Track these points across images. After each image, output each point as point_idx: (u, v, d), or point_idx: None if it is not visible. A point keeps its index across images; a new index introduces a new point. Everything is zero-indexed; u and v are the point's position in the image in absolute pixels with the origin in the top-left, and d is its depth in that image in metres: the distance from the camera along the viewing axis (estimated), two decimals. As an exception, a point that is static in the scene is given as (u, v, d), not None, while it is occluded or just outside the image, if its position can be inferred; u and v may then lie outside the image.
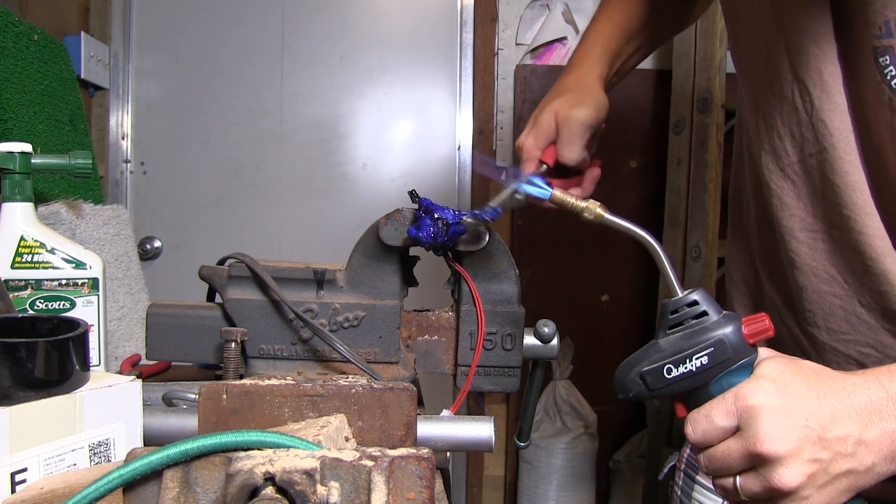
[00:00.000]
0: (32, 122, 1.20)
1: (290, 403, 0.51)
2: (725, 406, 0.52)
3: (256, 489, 0.36)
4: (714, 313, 0.54)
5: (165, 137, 2.15)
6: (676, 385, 0.54)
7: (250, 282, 0.66)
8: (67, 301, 0.84)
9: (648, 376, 0.55)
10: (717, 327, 0.53)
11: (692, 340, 0.53)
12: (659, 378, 0.54)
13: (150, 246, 2.15)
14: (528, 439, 0.76)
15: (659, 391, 0.55)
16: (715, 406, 0.52)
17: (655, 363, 0.54)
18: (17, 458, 0.45)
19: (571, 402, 2.15)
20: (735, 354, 0.52)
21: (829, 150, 0.62)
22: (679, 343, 0.54)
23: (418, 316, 0.70)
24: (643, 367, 0.55)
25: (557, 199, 0.60)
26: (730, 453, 0.52)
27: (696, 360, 0.53)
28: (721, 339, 0.52)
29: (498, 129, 2.23)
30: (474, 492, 2.25)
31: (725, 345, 0.52)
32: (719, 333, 0.53)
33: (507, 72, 2.24)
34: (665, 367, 0.54)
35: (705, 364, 0.53)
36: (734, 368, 0.53)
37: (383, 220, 0.63)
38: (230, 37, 2.15)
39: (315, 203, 2.19)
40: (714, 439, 0.53)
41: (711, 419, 0.52)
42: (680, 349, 0.53)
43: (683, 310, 0.54)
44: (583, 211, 0.59)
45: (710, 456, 0.53)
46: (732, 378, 0.53)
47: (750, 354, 0.53)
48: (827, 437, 0.50)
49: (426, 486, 0.38)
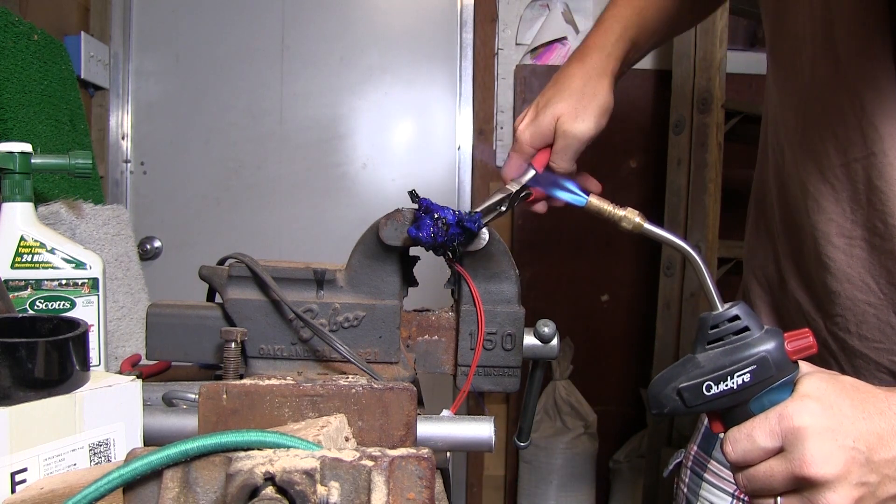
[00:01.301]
0: (32, 122, 1.20)
1: (290, 403, 0.51)
2: (769, 426, 0.50)
3: (256, 489, 0.36)
4: (756, 329, 0.52)
5: (165, 137, 2.15)
6: (716, 402, 0.53)
7: (250, 282, 0.66)
8: (67, 301, 0.84)
9: (686, 392, 0.53)
10: (760, 343, 0.52)
11: (734, 357, 0.52)
12: (697, 395, 0.53)
13: (150, 246, 2.15)
14: (528, 439, 0.76)
15: (696, 408, 0.53)
16: (758, 426, 0.51)
17: (694, 379, 0.53)
18: (17, 458, 0.45)
19: (571, 402, 2.16)
20: (778, 372, 0.51)
21: (877, 155, 0.59)
22: (720, 359, 0.52)
23: (418, 316, 0.70)
24: (681, 384, 0.53)
25: (594, 206, 0.60)
26: (772, 475, 0.50)
27: (738, 377, 0.52)
28: (764, 357, 0.51)
29: (498, 129, 2.23)
30: (474, 492, 2.25)
31: (769, 362, 0.51)
32: (762, 350, 0.51)
33: (507, 72, 2.24)
34: (704, 384, 0.52)
35: (747, 382, 0.51)
36: (776, 386, 0.51)
37: (383, 220, 0.63)
38: (230, 37, 2.15)
39: (315, 203, 2.19)
40: (755, 459, 0.51)
41: (753, 439, 0.51)
42: (721, 366, 0.52)
43: (724, 325, 0.53)
44: (621, 220, 0.58)
45: (751, 476, 0.52)
46: (774, 396, 0.51)
47: (792, 371, 0.52)
48: (875, 460, 0.48)
49: (426, 486, 0.38)
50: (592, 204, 0.60)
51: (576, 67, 0.83)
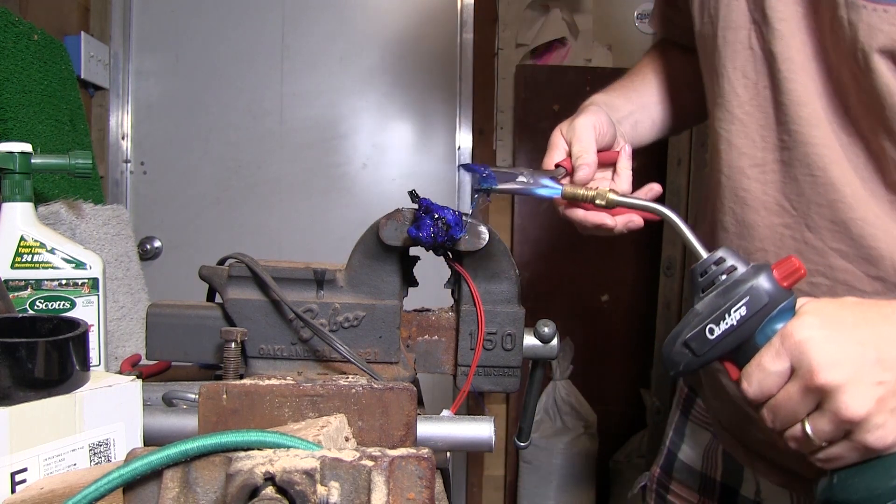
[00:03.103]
0: (32, 122, 1.20)
1: (290, 403, 0.51)
2: (774, 349, 0.50)
3: (256, 489, 0.36)
4: (742, 265, 0.53)
5: (165, 137, 2.15)
6: (721, 344, 0.53)
7: (250, 282, 0.66)
8: (67, 301, 0.84)
9: (693, 342, 0.53)
10: (749, 277, 0.52)
11: (727, 295, 0.53)
12: (703, 341, 0.53)
13: (150, 246, 2.15)
14: (528, 439, 0.76)
15: (706, 355, 0.53)
16: (764, 353, 0.51)
17: (696, 327, 0.53)
18: (17, 458, 0.45)
19: (571, 402, 2.16)
20: (772, 300, 0.52)
21: (776, 75, 0.64)
22: (714, 302, 0.53)
23: (418, 316, 0.70)
24: (686, 335, 0.54)
25: (569, 193, 0.62)
26: (791, 397, 0.50)
27: (735, 313, 0.52)
28: (754, 286, 0.52)
29: (498, 129, 2.23)
30: (474, 492, 2.25)
31: (760, 291, 0.52)
32: (752, 282, 0.52)
33: (507, 72, 2.24)
34: (706, 328, 0.53)
35: (745, 315, 0.52)
36: (775, 314, 0.52)
37: (383, 220, 0.63)
38: (230, 37, 2.15)
39: (315, 203, 2.19)
40: (772, 387, 0.51)
41: (763, 366, 0.50)
42: (717, 307, 0.53)
43: (711, 269, 0.54)
44: (595, 198, 0.61)
45: (773, 407, 0.51)
46: (776, 325, 0.52)
47: (787, 298, 0.52)
48: (885, 358, 0.48)
49: (426, 486, 0.38)
50: (567, 192, 0.63)
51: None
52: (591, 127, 0.75)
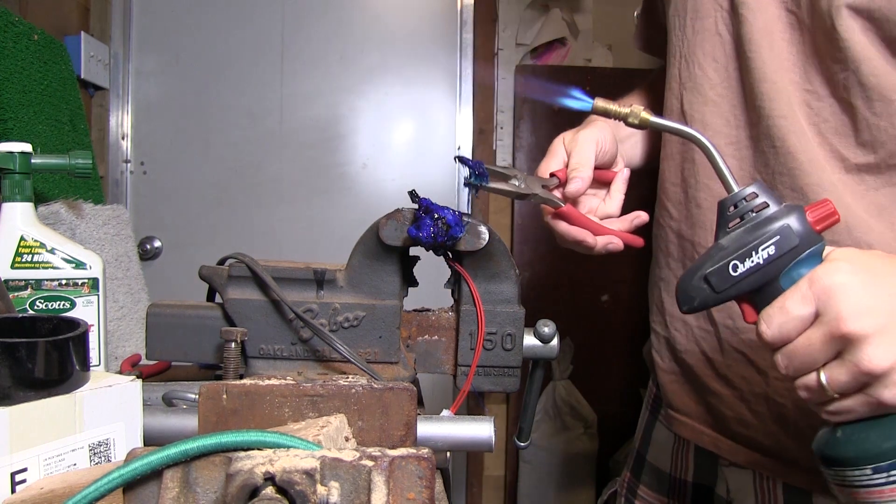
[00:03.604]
0: (32, 122, 1.20)
1: (290, 403, 0.51)
2: (800, 292, 0.48)
3: (256, 489, 0.36)
4: (775, 203, 0.51)
5: (165, 137, 2.15)
6: (744, 282, 0.51)
7: (250, 282, 0.66)
8: (67, 301, 0.84)
9: (713, 277, 0.51)
10: (781, 216, 0.50)
11: (756, 232, 0.50)
12: (725, 277, 0.51)
13: (150, 246, 2.15)
14: (528, 439, 0.76)
15: (726, 292, 0.51)
16: (789, 295, 0.49)
17: (719, 262, 0.51)
18: (17, 458, 0.45)
19: (571, 402, 2.16)
20: (802, 242, 0.49)
21: (742, 56, 0.69)
22: (742, 237, 0.51)
23: (418, 316, 0.70)
24: (707, 269, 0.51)
25: (600, 107, 0.58)
26: (811, 343, 0.48)
27: (763, 251, 0.50)
28: (786, 226, 0.50)
29: (498, 129, 2.23)
30: (474, 492, 2.25)
31: (792, 231, 0.49)
32: (784, 221, 0.50)
33: (507, 72, 2.24)
34: (731, 263, 0.51)
35: (772, 255, 0.50)
36: (803, 258, 0.50)
37: (383, 220, 0.63)
38: (230, 37, 2.15)
39: (315, 203, 2.19)
40: (792, 332, 0.49)
41: (786, 309, 0.48)
42: (744, 243, 0.50)
43: (742, 203, 0.52)
44: (627, 116, 0.58)
45: (790, 352, 0.49)
46: (802, 269, 0.50)
47: (818, 242, 0.50)
48: None
49: (426, 486, 0.38)
50: (598, 106, 0.58)
51: None
52: (594, 142, 0.75)
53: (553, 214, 0.74)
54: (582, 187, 0.73)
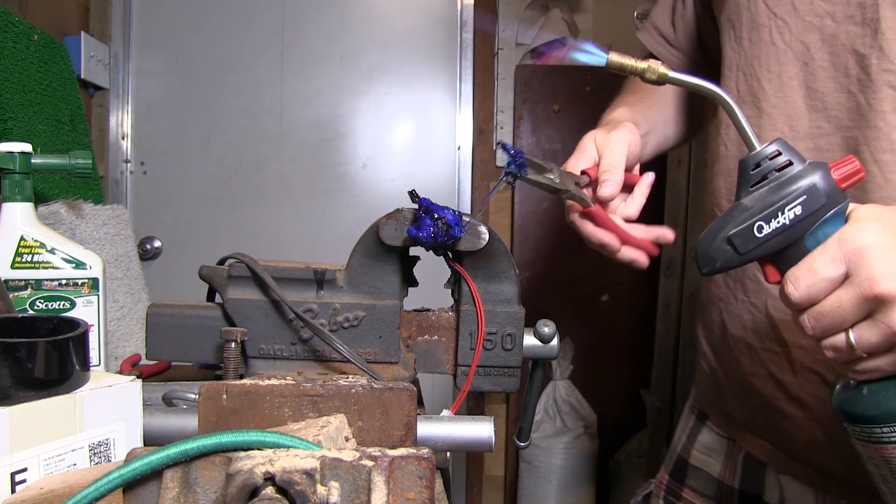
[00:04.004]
0: (32, 122, 1.20)
1: (290, 403, 0.51)
2: (830, 253, 0.47)
3: (256, 489, 0.36)
4: (798, 162, 0.50)
5: (165, 137, 2.15)
6: (769, 244, 0.50)
7: (250, 282, 0.66)
8: (67, 301, 0.84)
9: (737, 238, 0.50)
10: (806, 174, 0.49)
11: (781, 192, 0.49)
12: (749, 238, 0.50)
13: (150, 246, 2.15)
14: (528, 439, 0.76)
15: (750, 253, 0.50)
16: (817, 256, 0.48)
17: (743, 223, 0.50)
18: (17, 458, 0.45)
19: (571, 402, 2.16)
20: (829, 201, 0.48)
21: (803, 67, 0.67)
22: (767, 197, 0.49)
23: (418, 316, 0.70)
24: (730, 231, 0.50)
25: (615, 62, 0.57)
26: (841, 304, 0.47)
27: (790, 211, 0.49)
28: (813, 185, 0.48)
29: (498, 129, 2.23)
30: (474, 492, 2.25)
31: (818, 191, 0.48)
32: (809, 180, 0.48)
33: (507, 72, 2.24)
34: (756, 224, 0.49)
35: (799, 215, 0.48)
36: (828, 217, 0.49)
37: (383, 220, 0.63)
38: (230, 37, 2.15)
39: (315, 203, 2.19)
40: (820, 293, 0.48)
41: (815, 270, 0.47)
42: (769, 203, 0.49)
43: (765, 163, 0.50)
44: (644, 72, 0.56)
45: (818, 313, 0.48)
46: (828, 228, 0.49)
47: (843, 201, 0.49)
48: None
49: (426, 486, 0.38)
50: (613, 61, 0.57)
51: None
52: (626, 144, 0.74)
53: (581, 214, 0.73)
54: (616, 191, 0.72)
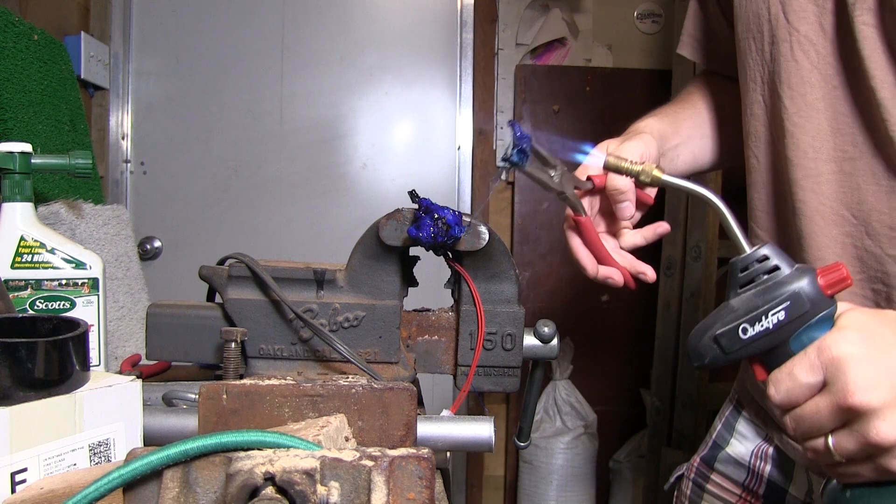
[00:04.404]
0: (32, 122, 1.20)
1: (290, 403, 0.51)
2: (808, 361, 0.48)
3: (256, 489, 0.36)
4: (786, 267, 0.51)
5: (165, 137, 2.15)
6: (753, 345, 0.51)
7: (250, 282, 0.66)
8: (67, 301, 0.84)
9: (723, 339, 0.51)
10: (792, 280, 0.50)
11: (766, 296, 0.50)
12: (734, 340, 0.51)
13: (150, 246, 2.15)
14: (528, 439, 0.76)
15: (735, 353, 0.52)
16: (797, 362, 0.49)
17: (729, 324, 0.51)
18: (17, 458, 0.45)
19: (571, 402, 2.16)
20: (813, 307, 0.49)
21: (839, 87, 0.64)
22: (753, 300, 0.51)
23: (418, 316, 0.70)
24: (717, 330, 0.52)
25: (612, 164, 0.59)
26: (818, 411, 0.48)
27: (773, 316, 0.50)
28: (797, 292, 0.49)
29: (498, 129, 2.23)
30: (474, 492, 2.25)
31: (802, 297, 0.49)
32: (794, 286, 0.50)
33: (507, 72, 2.24)
34: (740, 326, 0.51)
35: (782, 320, 0.50)
36: (814, 322, 0.50)
37: (383, 220, 0.63)
38: (230, 37, 2.15)
39: (315, 203, 2.19)
40: (799, 398, 0.49)
41: (794, 376, 0.48)
42: (754, 306, 0.50)
43: (754, 266, 0.52)
44: (639, 174, 0.58)
45: (798, 417, 0.49)
46: (813, 333, 0.50)
47: (829, 307, 0.50)
48: None
49: (426, 486, 0.38)
50: (610, 162, 0.59)
51: None
52: (638, 156, 0.74)
53: (571, 224, 0.74)
54: (633, 210, 0.73)
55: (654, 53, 2.29)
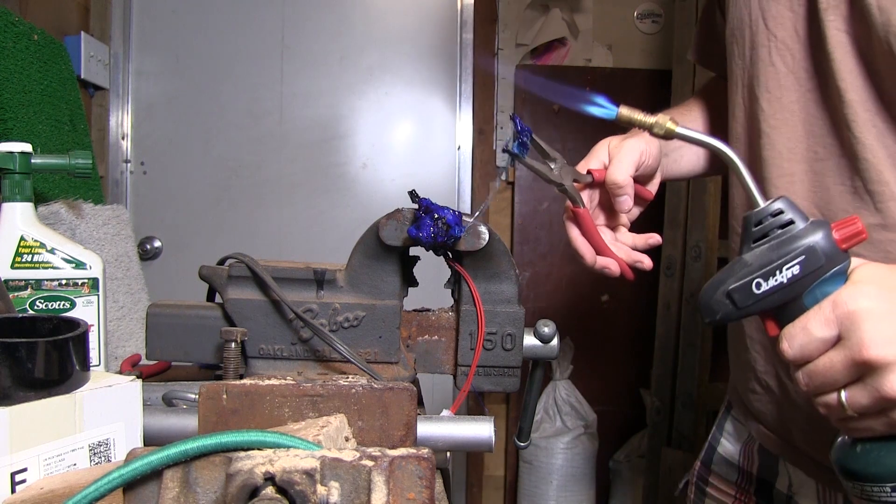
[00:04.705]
0: (32, 122, 1.20)
1: (290, 403, 0.51)
2: (823, 315, 0.48)
3: (256, 489, 0.36)
4: (801, 221, 0.50)
5: (165, 137, 2.15)
6: (767, 300, 0.51)
7: (250, 282, 0.66)
8: (67, 301, 0.84)
9: (736, 294, 0.51)
10: (807, 234, 0.50)
11: (781, 250, 0.50)
12: (748, 294, 0.51)
13: (150, 246, 2.15)
14: (528, 439, 0.76)
15: (748, 308, 0.51)
16: (812, 316, 0.49)
17: (743, 279, 0.51)
18: (17, 458, 0.45)
19: (571, 402, 2.16)
20: (828, 261, 0.49)
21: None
22: (767, 255, 0.50)
23: (418, 316, 0.70)
24: (730, 285, 0.51)
25: (625, 115, 0.59)
26: (832, 365, 0.48)
27: (787, 270, 0.50)
28: (812, 246, 0.49)
29: (498, 129, 2.23)
30: (474, 492, 2.25)
31: (817, 251, 0.49)
32: (809, 240, 0.49)
33: (507, 72, 2.24)
34: (754, 281, 0.50)
35: (797, 274, 0.49)
36: (828, 277, 0.49)
37: (383, 220, 0.63)
38: (230, 37, 2.15)
39: (315, 203, 2.19)
40: (813, 352, 0.49)
41: (809, 331, 0.48)
42: (768, 261, 0.50)
43: (768, 220, 0.51)
44: (652, 126, 0.57)
45: (811, 372, 0.49)
46: (827, 287, 0.49)
47: (843, 261, 0.50)
48: None
49: (426, 486, 0.38)
50: (623, 114, 0.59)
51: None
52: (638, 152, 0.75)
53: (570, 215, 0.75)
54: (630, 205, 0.74)
55: (654, 53, 2.29)
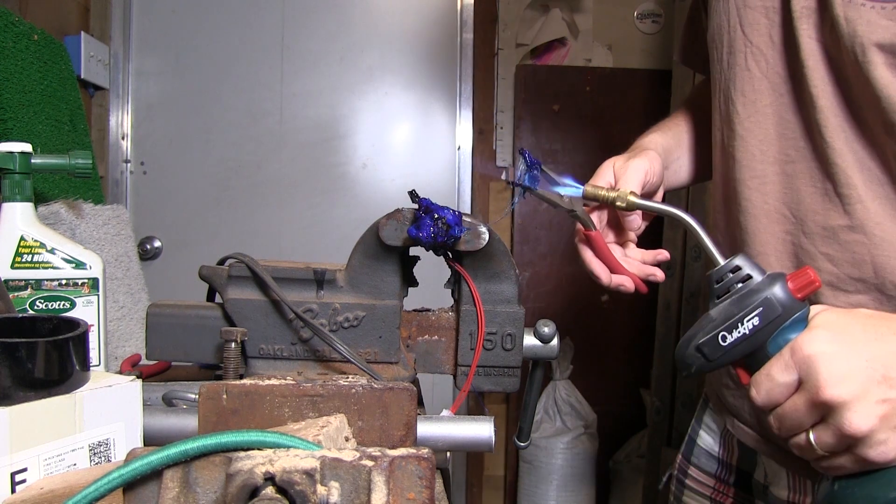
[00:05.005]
0: (32, 122, 1.20)
1: (290, 403, 0.51)
2: (783, 361, 0.51)
3: (256, 489, 0.36)
4: (758, 275, 0.55)
5: (165, 137, 2.15)
6: (734, 351, 0.54)
7: (250, 282, 0.66)
8: (67, 301, 0.84)
9: (705, 347, 0.55)
10: (764, 287, 0.54)
11: (741, 304, 0.54)
12: (715, 347, 0.55)
13: (150, 246, 2.15)
14: (528, 439, 0.76)
15: (718, 360, 0.55)
16: (773, 363, 0.52)
17: (710, 333, 0.55)
18: (17, 458, 0.45)
19: (571, 402, 2.16)
20: (785, 311, 0.53)
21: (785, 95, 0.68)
22: (728, 309, 0.54)
23: (418, 316, 0.70)
24: (699, 340, 0.55)
25: (590, 193, 0.65)
26: (797, 408, 0.51)
27: (748, 322, 0.53)
28: (768, 298, 0.53)
29: (498, 129, 2.23)
30: (474, 492, 2.25)
31: (773, 302, 0.53)
32: (766, 293, 0.53)
33: (507, 72, 2.24)
34: (719, 334, 0.54)
35: (757, 325, 0.53)
36: (788, 325, 0.53)
37: (383, 220, 0.63)
38: (230, 37, 2.15)
39: (315, 203, 2.19)
40: (779, 397, 0.52)
41: (772, 377, 0.52)
42: (730, 315, 0.54)
43: (727, 276, 0.55)
44: (615, 200, 0.64)
45: (780, 416, 0.53)
46: (788, 334, 0.53)
47: (801, 309, 0.53)
48: (892, 377, 0.49)
49: (426, 486, 0.38)
50: (588, 192, 0.65)
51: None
52: (643, 172, 0.76)
53: (582, 238, 0.77)
54: (640, 221, 0.76)
55: (654, 53, 2.29)
